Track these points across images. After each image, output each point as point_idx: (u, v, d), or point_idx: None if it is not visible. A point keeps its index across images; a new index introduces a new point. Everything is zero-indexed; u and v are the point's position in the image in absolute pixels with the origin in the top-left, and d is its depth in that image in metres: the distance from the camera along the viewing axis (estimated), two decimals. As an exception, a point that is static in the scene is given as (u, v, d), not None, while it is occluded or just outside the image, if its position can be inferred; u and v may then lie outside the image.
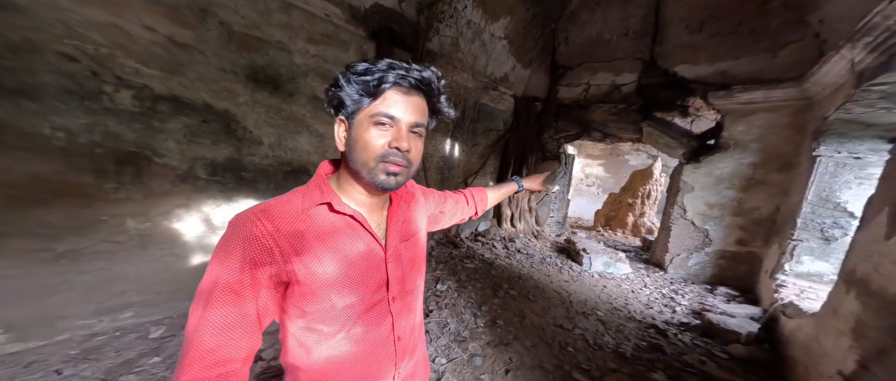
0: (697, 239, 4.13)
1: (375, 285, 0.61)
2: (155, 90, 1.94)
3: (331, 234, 0.56)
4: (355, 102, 0.53)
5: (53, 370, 1.63)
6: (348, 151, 0.56)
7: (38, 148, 1.60)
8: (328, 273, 0.55)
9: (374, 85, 0.52)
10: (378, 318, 0.62)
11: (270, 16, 2.38)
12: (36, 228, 1.64)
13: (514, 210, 5.30)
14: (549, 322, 2.75)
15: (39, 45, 1.56)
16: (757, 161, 3.67)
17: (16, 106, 1.52)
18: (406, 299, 0.68)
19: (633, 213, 7.76)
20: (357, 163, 0.55)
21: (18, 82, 1.52)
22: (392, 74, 0.52)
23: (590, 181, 10.89)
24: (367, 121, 0.54)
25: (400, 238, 0.66)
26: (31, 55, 1.54)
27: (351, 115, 0.55)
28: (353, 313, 0.58)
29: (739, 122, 3.74)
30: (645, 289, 3.81)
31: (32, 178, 1.60)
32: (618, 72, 4.82)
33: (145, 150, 1.94)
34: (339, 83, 0.54)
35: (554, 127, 5.69)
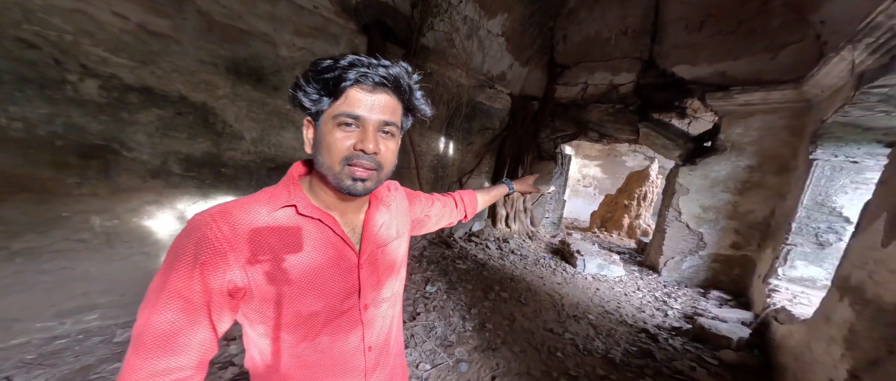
0: (692, 242, 4.11)
1: (345, 293, 0.58)
2: (124, 80, 1.84)
3: (296, 238, 0.53)
4: (315, 101, 0.51)
5: (3, 376, 1.53)
6: (314, 153, 0.54)
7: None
8: (291, 280, 0.52)
9: (333, 83, 0.49)
10: (347, 327, 0.59)
11: (254, 6, 2.28)
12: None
13: (509, 211, 5.24)
14: (540, 326, 2.70)
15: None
16: (753, 164, 3.64)
17: (-35, 93, 1.42)
18: (380, 307, 0.64)
19: (628, 215, 7.76)
20: (323, 166, 0.52)
21: (-32, 68, 1.41)
22: (353, 71, 0.49)
23: (587, 182, 10.87)
24: (331, 122, 0.51)
25: (377, 243, 0.63)
26: (-17, 39, 1.43)
27: (316, 115, 0.52)
28: (318, 321, 0.55)
29: (737, 124, 3.71)
30: (638, 292, 3.78)
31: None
32: (616, 71, 4.77)
33: (113, 143, 1.84)
34: (298, 83, 0.51)
35: (551, 126, 5.64)
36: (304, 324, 0.54)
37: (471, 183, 4.93)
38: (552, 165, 5.80)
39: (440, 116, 4.00)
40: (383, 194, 0.69)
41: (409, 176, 3.79)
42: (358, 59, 0.50)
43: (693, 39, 4.00)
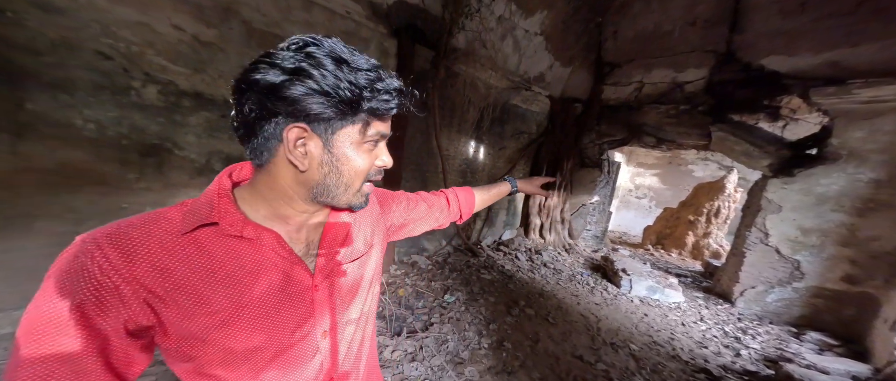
0: (783, 271, 3.42)
1: (295, 321, 0.49)
2: (179, 86, 2.06)
3: (221, 263, 0.44)
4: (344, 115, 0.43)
5: None
6: (317, 172, 0.45)
7: (69, 137, 1.75)
8: (217, 314, 0.43)
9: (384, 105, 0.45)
10: (300, 359, 0.51)
11: (291, 14, 2.42)
12: (63, 212, 1.80)
13: (545, 220, 4.92)
14: (567, 351, 2.43)
15: (77, 43, 1.71)
16: (881, 177, 2.90)
17: (53, 98, 1.68)
18: (345, 330, 0.56)
19: (694, 232, 6.83)
20: (337, 187, 0.47)
21: (55, 77, 1.68)
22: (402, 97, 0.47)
23: (640, 193, 9.85)
24: (358, 139, 0.45)
25: (337, 260, 0.55)
26: (68, 52, 1.69)
27: (328, 128, 0.43)
28: (261, 356, 0.46)
29: (857, 126, 2.99)
30: (700, 323, 3.27)
31: (63, 165, 1.76)
32: (680, 68, 4.22)
33: (167, 142, 2.06)
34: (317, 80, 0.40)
35: (596, 131, 5.22)
36: (242, 360, 0.45)
37: None
38: (596, 173, 5.33)
39: (469, 118, 3.90)
40: None
41: (435, 180, 3.74)
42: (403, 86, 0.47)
43: (790, 25, 3.33)
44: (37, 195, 1.72)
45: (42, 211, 1.76)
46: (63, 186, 1.78)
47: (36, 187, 1.71)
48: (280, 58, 0.40)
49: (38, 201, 1.73)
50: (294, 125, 0.42)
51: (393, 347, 2.12)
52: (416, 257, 3.71)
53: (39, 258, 1.79)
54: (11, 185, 1.65)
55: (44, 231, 1.77)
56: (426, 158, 3.67)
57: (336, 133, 0.44)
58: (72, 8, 1.67)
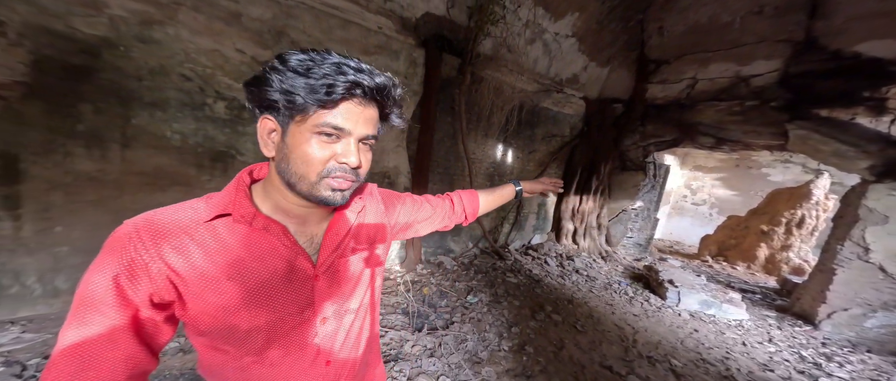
0: (890, 293, 2.95)
1: (296, 306, 0.54)
2: (241, 101, 2.42)
3: (233, 249, 0.49)
4: (291, 105, 0.45)
5: None
6: (279, 159, 0.49)
7: (162, 146, 2.17)
8: (225, 294, 0.48)
9: (324, 91, 0.44)
10: (300, 341, 0.55)
11: (331, 33, 2.70)
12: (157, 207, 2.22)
13: (578, 226, 4.70)
14: (595, 361, 2.33)
15: (168, 69, 2.12)
16: None
17: (150, 115, 2.11)
18: (343, 320, 0.61)
19: (768, 244, 6.00)
20: (292, 175, 0.48)
21: (154, 97, 2.10)
22: (347, 80, 0.44)
23: (698, 198, 8.86)
24: (309, 130, 0.46)
25: (340, 252, 0.59)
26: (162, 77, 2.11)
27: (283, 117, 0.47)
28: (262, 336, 0.52)
29: None
30: (768, 344, 2.92)
31: (157, 169, 2.18)
32: (745, 60, 3.82)
33: (231, 150, 2.44)
34: (269, 81, 0.45)
35: (640, 132, 4.89)
36: (245, 338, 0.50)
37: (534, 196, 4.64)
38: (639, 177, 4.97)
39: (495, 122, 3.93)
40: (351, 200, 0.63)
41: (462, 183, 3.81)
42: (346, 63, 0.45)
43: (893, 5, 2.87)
44: (139, 194, 2.16)
45: (142, 207, 2.18)
46: (157, 186, 2.21)
47: (138, 187, 2.15)
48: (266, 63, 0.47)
49: (139, 198, 2.17)
50: (264, 117, 0.48)
51: (413, 341, 2.21)
52: (442, 257, 3.83)
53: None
54: (121, 185, 2.10)
55: (142, 221, 2.21)
56: (453, 162, 3.78)
57: (289, 122, 0.47)
58: (165, 40, 2.09)
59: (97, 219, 2.07)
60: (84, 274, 0.45)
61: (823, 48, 3.25)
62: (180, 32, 2.12)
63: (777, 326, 3.29)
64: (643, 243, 5.41)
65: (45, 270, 2.00)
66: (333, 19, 2.67)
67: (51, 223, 1.97)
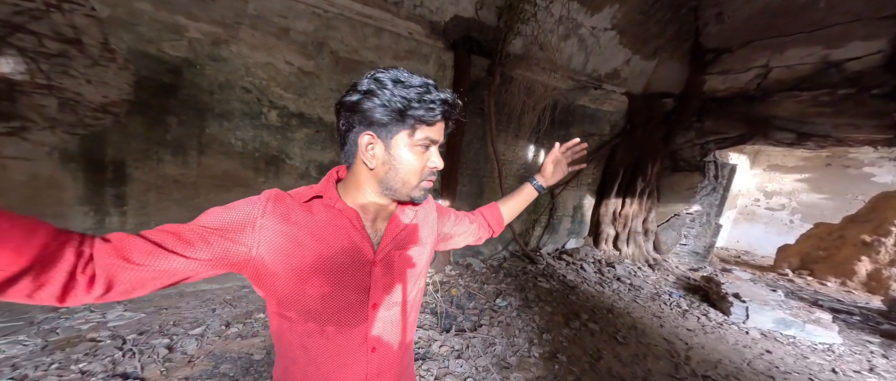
0: None
1: (355, 286, 0.62)
2: (290, 109, 2.70)
3: (319, 225, 0.59)
4: (397, 122, 0.55)
5: (211, 308, 2.41)
6: (381, 169, 0.59)
7: (228, 152, 2.51)
8: (303, 261, 0.57)
9: (429, 114, 0.55)
10: (352, 320, 0.62)
11: (366, 41, 2.88)
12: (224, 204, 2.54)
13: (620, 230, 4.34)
14: (638, 375, 2.15)
15: (232, 82, 2.45)
16: None
17: (220, 125, 2.45)
18: (391, 310, 0.67)
19: (872, 257, 5.00)
20: (397, 182, 0.60)
21: (222, 109, 2.44)
22: (446, 106, 0.57)
23: (774, 203, 7.62)
24: (412, 144, 0.57)
25: (397, 245, 0.67)
26: (228, 91, 2.44)
27: (386, 134, 0.57)
28: (323, 306, 0.59)
29: None
30: (867, 374, 2.48)
31: (224, 172, 2.53)
32: (835, 43, 3.35)
33: (282, 154, 2.72)
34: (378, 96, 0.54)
35: (696, 128, 4.42)
36: (310, 307, 0.58)
37: (566, 196, 4.38)
38: (696, 178, 4.46)
39: (526, 123, 3.83)
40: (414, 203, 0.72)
41: (491, 185, 3.76)
42: (449, 97, 0.57)
43: None
44: (210, 194, 2.52)
45: (215, 203, 2.51)
46: (223, 187, 2.55)
47: (210, 188, 2.51)
48: (358, 84, 0.56)
49: (211, 197, 2.52)
50: (365, 132, 0.57)
51: (441, 341, 2.23)
52: (470, 259, 3.84)
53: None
54: (197, 186, 2.46)
55: (211, 216, 2.55)
56: (483, 164, 3.79)
57: (393, 138, 0.57)
58: (230, 57, 2.42)
59: (179, 215, 2.44)
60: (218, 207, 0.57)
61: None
62: (241, 49, 2.43)
63: (882, 354, 2.77)
64: (701, 251, 4.79)
65: (140, 255, 2.40)
66: (368, 28, 2.85)
67: (147, 219, 2.37)
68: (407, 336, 0.72)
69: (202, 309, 2.37)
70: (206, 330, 2.12)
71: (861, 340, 2.99)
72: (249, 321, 2.30)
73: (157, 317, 2.20)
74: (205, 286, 2.63)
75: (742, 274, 4.84)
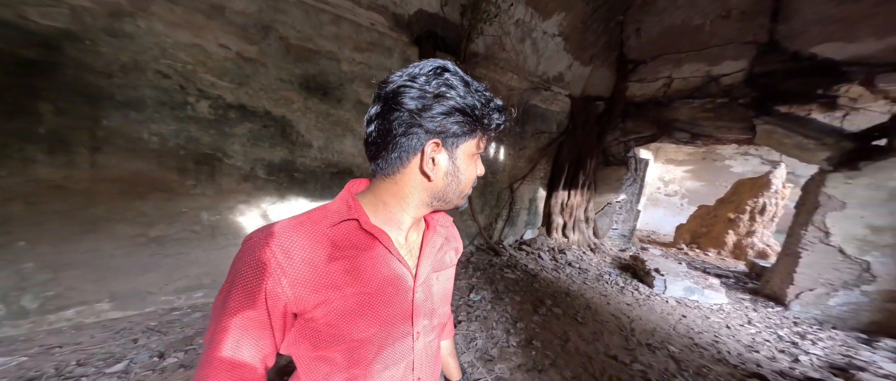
0: (849, 272, 3.10)
1: (400, 317, 0.54)
2: (227, 100, 2.20)
3: (353, 256, 0.50)
4: (471, 131, 0.50)
5: (132, 338, 1.89)
6: (441, 180, 0.52)
7: (139, 150, 1.93)
8: (343, 304, 0.49)
9: (496, 125, 0.52)
10: (398, 356, 0.55)
11: (322, 29, 2.52)
12: (135, 216, 1.97)
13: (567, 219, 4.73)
14: (600, 351, 2.31)
15: (142, 65, 1.88)
16: None
17: (125, 116, 1.86)
18: (430, 336, 0.61)
19: (736, 231, 6.29)
20: (454, 193, 0.53)
21: (127, 96, 1.86)
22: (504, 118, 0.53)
23: (671, 190, 9.24)
24: (469, 154, 0.52)
25: (433, 267, 0.60)
26: (137, 74, 1.87)
27: (455, 142, 0.50)
28: (371, 346, 0.51)
29: None
30: (748, 326, 3.01)
31: (134, 174, 1.93)
32: (715, 61, 3.99)
33: (217, 152, 2.21)
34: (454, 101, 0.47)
35: (621, 128, 4.98)
36: (357, 349, 0.50)
37: (523, 190, 4.62)
38: (622, 171, 5.07)
39: None
40: (440, 218, 0.66)
41: None
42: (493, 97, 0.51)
43: (845, 11, 3.07)
44: (115, 202, 1.91)
45: (119, 216, 1.94)
46: (134, 193, 1.95)
47: (112, 195, 1.89)
48: (420, 83, 0.46)
49: (115, 207, 1.91)
50: (432, 141, 0.48)
51: (423, 343, 2.09)
52: None
53: (117, 258, 1.97)
54: (91, 193, 1.84)
55: (121, 234, 1.95)
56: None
57: (459, 147, 0.50)
58: (138, 34, 1.85)
59: (65, 231, 1.80)
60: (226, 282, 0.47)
61: (784, 50, 3.44)
62: (155, 25, 1.88)
63: (753, 308, 3.39)
64: (627, 234, 5.53)
65: (8, 288, 1.72)
66: (324, 15, 2.49)
67: (11, 238, 1.69)
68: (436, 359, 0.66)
69: (116, 341, 1.83)
70: (131, 365, 1.65)
71: (738, 298, 3.60)
72: (191, 348, 1.84)
73: (48, 358, 1.63)
74: (115, 315, 2.03)
75: (655, 251, 5.61)
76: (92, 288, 1.93)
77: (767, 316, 3.20)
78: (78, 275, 1.87)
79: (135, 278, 2.05)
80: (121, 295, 2.03)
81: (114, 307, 2.02)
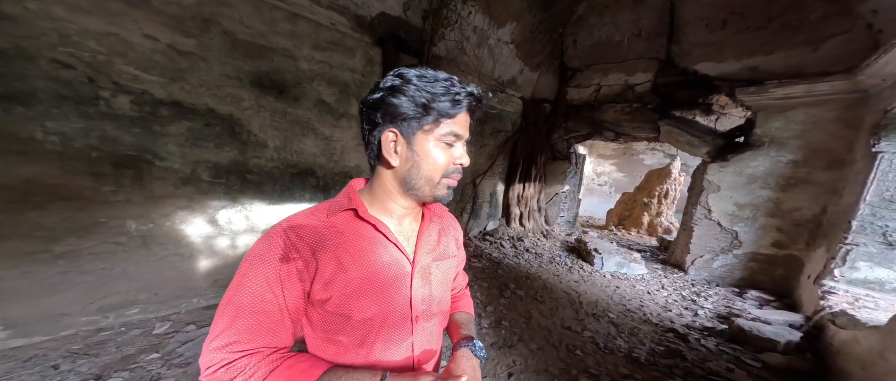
0: (724, 240, 3.51)
1: (398, 301, 0.54)
2: (155, 95, 1.76)
3: (355, 242, 0.52)
4: (420, 117, 0.48)
5: (51, 365, 1.46)
6: (404, 166, 0.51)
7: (31, 152, 1.44)
8: (346, 287, 0.50)
9: (452, 106, 0.48)
10: (398, 337, 0.55)
11: (276, 25, 2.16)
12: (32, 230, 1.49)
13: (523, 209, 4.82)
14: (557, 324, 2.34)
15: (32, 52, 1.40)
16: (798, 159, 3.02)
17: (5, 111, 1.37)
18: (430, 322, 0.59)
19: (648, 212, 6.95)
20: (421, 179, 0.51)
21: (9, 88, 1.37)
22: (471, 99, 0.49)
23: (601, 180, 10.01)
24: (435, 139, 0.50)
25: (431, 255, 0.59)
26: (22, 62, 1.39)
27: (409, 129, 0.49)
28: (372, 326, 0.52)
29: (775, 118, 3.12)
30: (662, 291, 3.27)
31: (26, 181, 1.45)
32: (631, 72, 4.32)
33: (145, 153, 1.77)
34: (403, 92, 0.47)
35: (564, 127, 5.18)
36: (358, 328, 0.51)
37: (485, 184, 4.60)
38: (566, 165, 5.30)
39: None
40: (437, 210, 0.63)
41: None
42: (475, 90, 0.49)
43: (716, 37, 3.52)
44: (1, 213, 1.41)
45: (7, 231, 1.44)
46: (29, 203, 1.47)
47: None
48: (382, 81, 0.49)
49: (1, 220, 1.41)
50: (389, 129, 0.49)
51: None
52: None
53: (8, 280, 1.47)
54: (-38, 206, 1.33)
55: (12, 251, 1.46)
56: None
57: (416, 133, 0.49)
58: (25, 16, 1.37)
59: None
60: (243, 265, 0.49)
61: (677, 66, 3.87)
62: (50, 9, 1.42)
63: (664, 275, 3.69)
64: (571, 220, 5.81)
65: None
66: (278, 11, 2.13)
67: None
68: (438, 346, 0.63)
69: (28, 371, 1.41)
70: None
71: (653, 268, 3.88)
72: (137, 365, 1.51)
73: None
74: (17, 343, 1.52)
75: (593, 234, 5.97)
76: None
77: (674, 281, 3.51)
78: (-51, 307, 1.36)
79: (39, 300, 1.55)
80: (22, 321, 1.53)
81: (14, 335, 1.52)
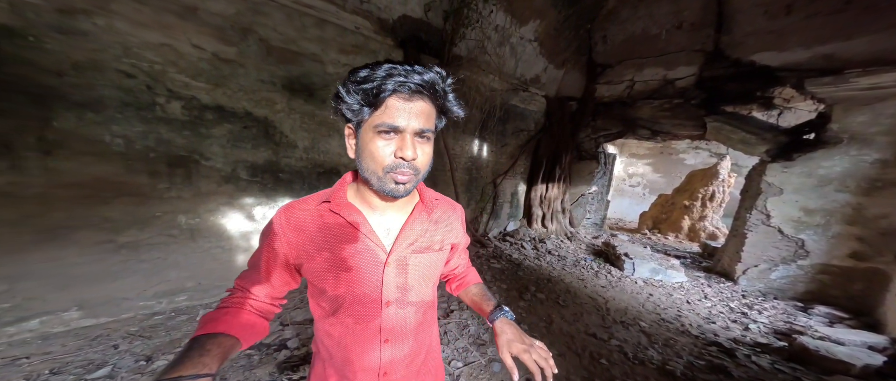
0: (787, 249, 3.06)
1: (367, 283, 0.55)
2: (202, 101, 1.89)
3: (329, 230, 0.55)
4: (356, 112, 0.47)
5: (112, 344, 1.61)
6: (357, 159, 0.51)
7: (100, 153, 1.60)
8: (319, 264, 0.55)
9: (373, 94, 0.45)
10: (367, 316, 0.56)
11: (306, 31, 2.22)
12: (99, 222, 1.65)
13: (546, 211, 4.56)
14: (581, 330, 2.16)
15: (101, 64, 1.55)
16: (888, 158, 2.54)
17: (80, 117, 1.53)
18: (405, 309, 0.58)
19: (689, 216, 6.26)
20: (365, 171, 0.50)
21: (83, 96, 1.53)
22: (391, 81, 0.44)
23: (634, 181, 9.23)
24: (371, 131, 0.47)
25: (411, 248, 0.58)
26: (93, 73, 1.54)
27: (357, 124, 0.49)
28: (343, 302, 0.55)
29: (857, 112, 2.66)
30: (705, 301, 2.91)
31: (96, 179, 1.60)
32: (670, 66, 3.92)
33: (194, 154, 1.89)
34: (339, 94, 0.48)
35: (592, 126, 4.85)
36: (331, 301, 0.56)
37: (505, 185, 4.42)
38: (593, 165, 4.93)
39: (474, 119, 3.63)
40: (431, 203, 0.61)
41: (443, 179, 3.47)
42: (393, 67, 0.45)
43: (778, 25, 3.07)
44: (75, 208, 1.58)
45: (81, 222, 1.61)
46: (98, 198, 1.62)
47: (72, 201, 1.56)
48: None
49: (76, 213, 1.58)
50: (346, 124, 0.51)
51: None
52: None
53: (81, 266, 1.65)
54: (47, 200, 1.51)
55: (84, 240, 1.62)
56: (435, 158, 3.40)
57: (361, 127, 0.48)
58: (95, 32, 1.52)
59: (18, 241, 1.47)
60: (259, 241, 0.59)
61: (727, 57, 3.43)
62: (116, 24, 1.56)
63: (708, 284, 3.29)
64: (599, 222, 5.41)
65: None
66: (307, 18, 2.19)
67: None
68: (424, 333, 0.63)
69: (94, 349, 1.55)
70: (116, 370, 1.43)
71: (694, 276, 3.50)
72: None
73: (15, 369, 1.37)
74: (87, 322, 1.71)
75: (623, 237, 5.49)
76: (56, 297, 1.60)
77: (720, 291, 3.14)
78: (37, 285, 1.54)
79: (105, 284, 1.72)
80: (91, 303, 1.70)
81: (84, 315, 1.70)
